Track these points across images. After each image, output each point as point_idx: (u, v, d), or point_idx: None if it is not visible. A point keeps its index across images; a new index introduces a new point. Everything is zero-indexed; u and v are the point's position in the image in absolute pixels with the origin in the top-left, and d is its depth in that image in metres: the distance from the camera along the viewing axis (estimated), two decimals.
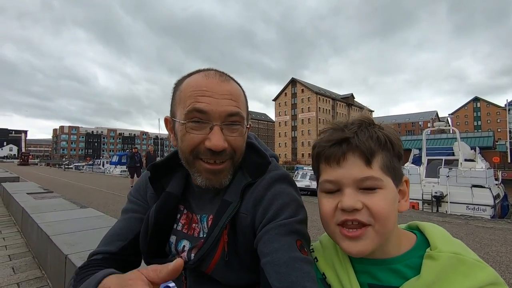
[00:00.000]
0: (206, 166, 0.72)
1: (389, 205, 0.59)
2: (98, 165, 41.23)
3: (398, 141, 0.64)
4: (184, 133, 0.71)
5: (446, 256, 0.57)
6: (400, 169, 0.64)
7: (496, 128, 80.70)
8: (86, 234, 2.81)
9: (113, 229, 0.83)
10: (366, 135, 0.61)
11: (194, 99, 0.69)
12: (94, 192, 10.57)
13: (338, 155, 0.61)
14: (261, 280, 0.64)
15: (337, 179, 0.61)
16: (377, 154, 0.60)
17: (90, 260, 0.76)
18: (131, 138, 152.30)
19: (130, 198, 0.90)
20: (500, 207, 11.60)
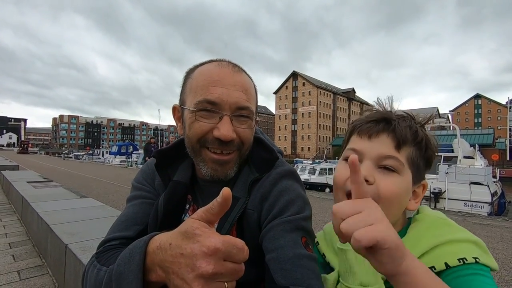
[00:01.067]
0: (213, 155, 0.70)
1: (398, 192, 0.60)
2: (98, 155, 41.24)
3: (434, 148, 0.66)
4: (193, 120, 0.70)
5: (432, 218, 0.64)
6: (423, 171, 0.66)
7: (496, 125, 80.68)
8: (86, 224, 2.82)
9: (124, 216, 0.78)
10: (405, 124, 0.64)
11: (206, 89, 0.68)
12: (93, 182, 10.60)
13: (372, 130, 0.64)
14: (266, 276, 0.64)
15: (362, 150, 0.64)
16: (408, 145, 0.63)
17: (106, 246, 0.71)
18: (131, 128, 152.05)
19: (136, 185, 0.85)
20: (497, 205, 11.68)
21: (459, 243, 0.56)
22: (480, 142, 32.56)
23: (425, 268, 0.45)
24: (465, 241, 0.56)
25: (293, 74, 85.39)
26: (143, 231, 0.74)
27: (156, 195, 0.83)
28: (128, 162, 28.08)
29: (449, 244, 0.56)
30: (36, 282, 2.52)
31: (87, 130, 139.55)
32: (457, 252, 0.54)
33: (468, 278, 0.51)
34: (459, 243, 0.56)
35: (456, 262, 0.53)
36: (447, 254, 0.54)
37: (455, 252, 0.54)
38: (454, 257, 0.53)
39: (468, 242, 0.56)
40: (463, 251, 0.54)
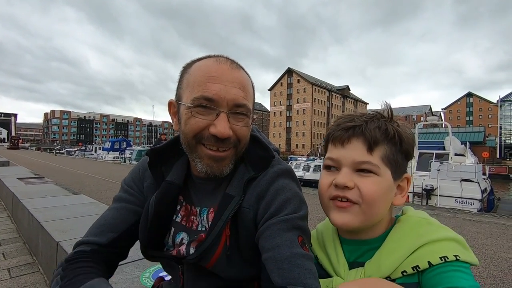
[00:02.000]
0: (209, 152, 0.70)
1: (380, 191, 0.64)
2: (90, 151, 40.85)
3: (409, 140, 0.68)
4: (189, 116, 0.69)
5: (413, 218, 0.68)
6: (402, 165, 0.68)
7: (487, 124, 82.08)
8: (78, 221, 2.79)
9: (104, 218, 0.80)
10: (375, 124, 0.66)
11: (203, 85, 0.67)
12: (86, 178, 10.48)
13: (343, 137, 0.67)
14: (262, 275, 0.64)
15: (338, 158, 0.67)
16: (381, 144, 0.65)
17: (77, 251, 0.73)
18: (124, 124, 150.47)
19: (124, 186, 0.86)
20: (487, 201, 11.93)
21: (440, 241, 0.60)
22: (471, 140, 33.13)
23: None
24: (446, 240, 0.60)
25: (288, 71, 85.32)
26: (116, 239, 0.76)
27: (141, 200, 0.82)
28: (122, 158, 27.86)
29: (431, 244, 0.60)
30: (27, 280, 2.48)
31: (79, 125, 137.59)
32: (438, 251, 0.58)
33: (449, 274, 0.56)
34: (441, 241, 0.60)
35: (438, 260, 0.57)
36: (429, 253, 0.59)
37: (437, 251, 0.58)
38: (436, 255, 0.58)
39: (449, 240, 0.61)
40: (444, 249, 0.59)
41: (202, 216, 0.77)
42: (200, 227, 0.77)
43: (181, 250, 0.75)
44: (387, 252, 0.63)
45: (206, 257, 0.70)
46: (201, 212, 0.77)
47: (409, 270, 0.60)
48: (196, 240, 0.74)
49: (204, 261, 0.70)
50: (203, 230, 0.75)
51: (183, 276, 0.77)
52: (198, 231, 0.76)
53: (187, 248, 0.75)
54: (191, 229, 0.78)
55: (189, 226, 0.78)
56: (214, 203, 0.75)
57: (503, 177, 30.75)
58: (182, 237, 0.78)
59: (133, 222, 0.79)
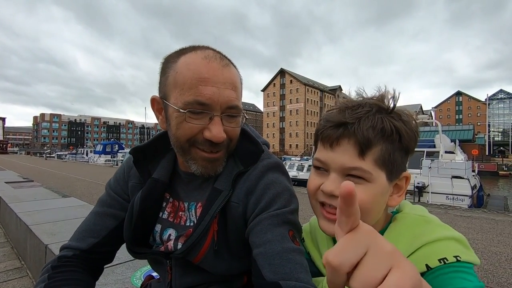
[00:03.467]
0: (204, 154, 0.69)
1: (372, 200, 0.57)
2: (82, 154, 40.26)
3: (411, 133, 0.59)
4: (181, 121, 0.67)
5: (410, 216, 0.62)
6: (401, 164, 0.60)
7: (476, 122, 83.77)
8: (68, 224, 2.73)
9: (85, 224, 0.81)
10: (369, 123, 0.57)
11: (195, 88, 0.65)
12: (77, 181, 10.31)
13: (332, 138, 0.60)
14: (253, 271, 0.63)
15: (326, 161, 0.61)
16: (375, 146, 0.57)
17: (61, 256, 0.75)
18: (116, 127, 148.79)
19: (107, 189, 0.86)
20: (476, 197, 12.15)
21: (439, 242, 0.54)
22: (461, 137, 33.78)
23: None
24: (444, 239, 0.55)
25: (281, 72, 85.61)
26: (97, 245, 0.77)
27: (123, 203, 0.82)
28: (114, 161, 27.52)
29: (429, 245, 0.54)
30: (15, 284, 2.42)
31: (70, 128, 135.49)
32: (437, 252, 0.53)
33: (450, 276, 0.50)
34: (439, 242, 0.54)
35: (437, 263, 0.52)
36: (427, 256, 0.53)
37: (435, 253, 0.53)
38: (435, 258, 0.52)
39: (448, 239, 0.55)
40: (444, 250, 0.53)
41: (191, 211, 0.76)
42: (188, 222, 0.76)
43: (169, 245, 0.74)
44: None
45: (193, 251, 0.69)
46: (189, 207, 0.76)
47: None
48: (184, 235, 0.73)
49: (191, 255, 0.69)
50: (191, 225, 0.74)
51: (171, 271, 0.76)
52: (187, 226, 0.75)
53: (175, 243, 0.74)
54: (179, 224, 0.77)
55: (177, 222, 0.77)
56: (202, 198, 0.74)
57: (491, 174, 31.41)
58: (169, 233, 0.77)
59: (114, 227, 0.79)
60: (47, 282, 0.68)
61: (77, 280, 0.71)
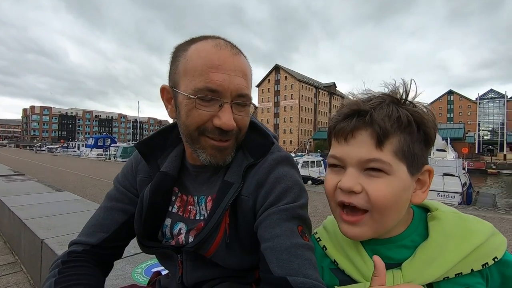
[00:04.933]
0: (213, 142, 0.68)
1: (393, 194, 0.54)
2: (73, 148, 39.68)
3: (429, 124, 0.57)
4: (191, 108, 0.66)
5: (448, 214, 0.60)
6: (422, 156, 0.57)
7: (466, 120, 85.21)
8: (63, 218, 2.69)
9: (95, 218, 0.80)
10: (384, 113, 0.55)
11: (206, 74, 0.64)
12: (69, 175, 10.17)
13: (346, 130, 0.57)
14: (261, 265, 0.63)
15: (342, 156, 0.58)
16: (393, 136, 0.54)
17: (70, 252, 0.75)
18: (108, 120, 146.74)
19: (116, 184, 0.85)
20: (466, 195, 12.43)
21: (486, 243, 0.55)
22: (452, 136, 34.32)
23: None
24: (489, 237, 0.56)
25: (276, 68, 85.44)
26: (107, 240, 0.77)
27: (132, 198, 0.81)
28: (106, 155, 27.22)
29: (481, 247, 0.55)
30: (9, 280, 2.38)
31: (61, 122, 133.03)
32: (489, 254, 0.55)
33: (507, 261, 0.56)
34: (487, 242, 0.55)
35: (492, 262, 0.55)
36: (482, 257, 0.55)
37: (487, 254, 0.55)
38: (490, 258, 0.55)
39: (491, 236, 0.56)
40: (493, 250, 0.55)
41: (201, 204, 0.75)
42: (198, 216, 0.75)
43: (180, 239, 0.74)
44: (431, 256, 0.55)
45: (205, 245, 0.68)
46: (199, 201, 0.76)
47: (477, 266, 0.55)
48: (195, 228, 0.73)
49: (203, 249, 0.69)
50: (202, 219, 0.74)
51: (182, 266, 0.75)
52: (197, 220, 0.75)
53: (186, 236, 0.73)
54: (188, 218, 0.76)
55: (186, 216, 0.76)
56: (212, 191, 0.74)
57: (480, 172, 32.08)
58: (180, 227, 0.76)
59: (124, 221, 0.79)
60: (57, 277, 0.67)
61: (87, 275, 0.70)
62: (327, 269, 0.66)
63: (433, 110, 0.59)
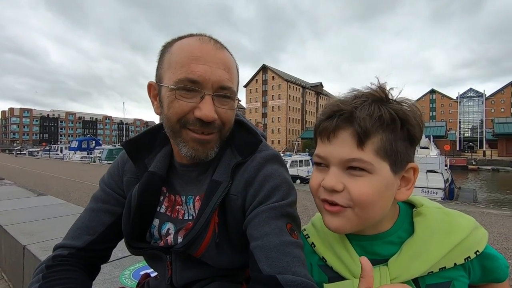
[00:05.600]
0: (194, 135, 0.68)
1: (374, 192, 0.55)
2: (56, 151, 38.50)
3: (414, 122, 0.57)
4: (172, 99, 0.66)
5: (433, 210, 0.63)
6: (406, 154, 0.57)
7: (448, 118, 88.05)
8: (46, 223, 2.61)
9: (80, 221, 0.78)
10: (365, 112, 0.55)
11: (187, 66, 0.65)
12: (52, 179, 9.85)
13: (329, 130, 0.58)
14: (250, 264, 0.63)
15: (325, 155, 0.59)
16: (374, 135, 0.55)
17: (55, 256, 0.72)
18: (93, 122, 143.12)
19: (101, 185, 0.83)
20: (448, 190, 12.84)
21: (469, 236, 0.58)
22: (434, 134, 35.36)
23: None
24: (472, 231, 0.58)
25: (263, 68, 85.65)
26: (93, 242, 0.75)
27: (119, 199, 0.80)
28: (91, 158, 26.56)
29: (464, 242, 0.57)
30: None
31: (42, 124, 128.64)
32: (471, 248, 0.57)
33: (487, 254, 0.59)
34: (469, 236, 0.58)
35: (474, 255, 0.57)
36: (465, 251, 0.57)
37: (470, 248, 0.57)
38: (472, 251, 0.57)
39: (474, 230, 0.59)
40: (476, 244, 0.58)
41: (189, 204, 0.75)
42: (186, 216, 0.75)
43: (169, 240, 0.73)
44: (417, 252, 0.57)
45: (195, 245, 0.68)
46: (187, 201, 0.75)
47: (460, 260, 0.57)
48: (183, 228, 0.72)
49: (192, 249, 0.69)
50: (190, 219, 0.74)
51: (171, 267, 0.74)
52: (185, 220, 0.74)
53: (175, 237, 0.73)
54: (177, 219, 0.75)
55: (174, 216, 0.76)
56: (200, 191, 0.73)
57: (462, 168, 33.16)
58: (168, 228, 0.75)
59: (111, 223, 0.78)
60: (41, 282, 0.65)
61: (73, 280, 0.69)
62: (315, 266, 0.67)
63: (418, 107, 0.59)
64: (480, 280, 0.61)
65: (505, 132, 38.98)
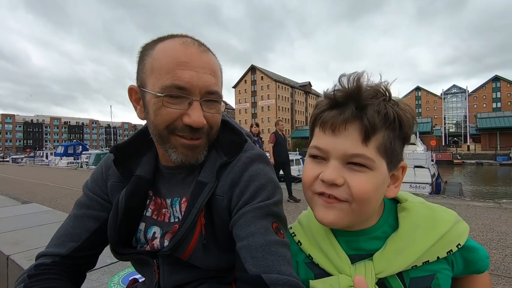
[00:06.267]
0: (184, 141, 0.67)
1: (373, 189, 0.55)
2: (41, 157, 37.43)
3: (410, 121, 0.58)
4: (159, 106, 0.65)
5: (416, 205, 0.63)
6: (399, 153, 0.58)
7: (433, 115, 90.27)
8: (31, 232, 2.53)
9: (64, 228, 0.76)
10: (375, 108, 0.54)
11: (173, 72, 0.63)
12: (37, 186, 9.57)
13: (337, 122, 0.55)
14: (237, 264, 0.63)
15: (326, 148, 0.57)
16: (378, 132, 0.55)
17: (38, 264, 0.70)
18: (79, 127, 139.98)
19: (85, 191, 0.82)
20: (435, 185, 13.17)
21: (451, 230, 0.59)
22: (420, 130, 36.22)
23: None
24: (453, 225, 0.60)
25: (252, 68, 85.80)
26: (78, 249, 0.73)
27: (103, 204, 0.79)
28: (78, 164, 25.99)
29: (446, 235, 0.58)
30: None
31: (26, 130, 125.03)
32: (453, 241, 0.59)
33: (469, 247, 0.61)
34: (451, 230, 0.59)
35: (455, 248, 0.59)
36: (447, 245, 0.58)
37: (452, 242, 0.59)
38: (453, 245, 0.58)
39: (455, 224, 0.60)
40: (457, 237, 0.59)
41: (174, 207, 0.74)
42: (172, 218, 0.74)
43: (155, 244, 0.72)
44: (401, 246, 0.58)
45: (181, 247, 0.67)
46: (173, 203, 0.74)
47: (442, 254, 0.58)
48: (169, 231, 0.72)
49: (179, 252, 0.68)
50: (176, 221, 0.73)
51: (158, 271, 0.73)
52: (171, 223, 0.74)
53: (161, 240, 0.72)
54: (163, 222, 0.75)
55: (160, 220, 0.75)
56: (186, 192, 0.73)
57: (447, 163, 34.10)
58: (154, 231, 0.74)
59: (95, 229, 0.76)
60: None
61: (56, 275, 0.67)
62: (302, 263, 0.66)
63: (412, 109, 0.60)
64: (463, 272, 0.62)
65: (487, 126, 40.26)
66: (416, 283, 0.57)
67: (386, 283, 0.58)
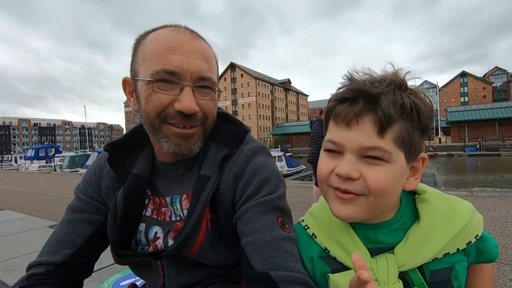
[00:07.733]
0: (176, 129, 0.65)
1: (391, 182, 0.54)
2: (9, 161, 35.32)
3: (428, 111, 0.56)
4: (149, 93, 0.62)
5: (435, 196, 0.63)
6: (419, 144, 0.57)
7: None
8: (7, 240, 2.38)
9: (56, 235, 0.72)
10: (389, 99, 0.53)
11: (163, 57, 0.61)
12: (7, 192, 9.01)
13: (349, 115, 0.54)
14: (242, 260, 0.62)
15: (341, 142, 0.56)
16: (395, 124, 0.53)
17: (30, 275, 0.66)
18: (50, 128, 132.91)
19: (78, 194, 0.77)
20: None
21: (470, 222, 0.59)
22: None
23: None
24: (472, 217, 0.60)
25: (231, 66, 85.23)
26: (73, 256, 0.69)
27: (98, 206, 0.75)
28: (51, 167, 24.76)
29: (466, 227, 0.59)
30: None
31: None
32: (472, 232, 0.59)
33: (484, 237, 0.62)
34: (470, 222, 0.59)
35: (474, 240, 0.59)
36: (467, 236, 0.59)
37: (471, 233, 0.59)
38: (472, 236, 0.59)
39: (473, 214, 0.60)
40: (475, 228, 0.60)
41: (175, 205, 0.71)
42: (173, 217, 0.72)
43: (158, 244, 0.70)
44: (423, 239, 0.57)
45: (188, 245, 0.65)
46: (172, 201, 0.72)
47: (462, 246, 0.58)
48: (172, 230, 0.69)
49: (185, 250, 0.66)
50: (178, 220, 0.71)
51: (163, 272, 0.71)
52: (172, 221, 0.71)
53: (164, 240, 0.69)
54: (163, 221, 0.72)
55: (161, 219, 0.73)
56: (187, 189, 0.71)
57: None
58: (155, 231, 0.72)
59: (91, 233, 0.72)
60: None
61: (50, 285, 0.63)
62: (318, 258, 0.65)
63: (431, 98, 0.58)
64: (473, 262, 0.63)
65: (457, 120, 42.51)
66: (436, 276, 0.58)
67: (406, 276, 0.58)
